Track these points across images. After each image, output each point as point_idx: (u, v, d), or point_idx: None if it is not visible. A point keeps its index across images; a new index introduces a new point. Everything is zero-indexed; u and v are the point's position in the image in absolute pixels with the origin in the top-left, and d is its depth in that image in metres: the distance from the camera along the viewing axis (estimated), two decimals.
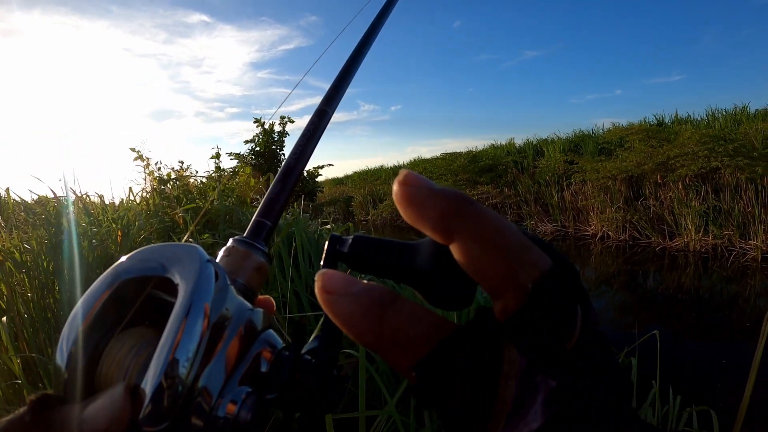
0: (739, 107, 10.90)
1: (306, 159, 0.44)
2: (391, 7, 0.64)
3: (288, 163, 0.43)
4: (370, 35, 0.59)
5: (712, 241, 7.90)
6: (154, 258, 0.30)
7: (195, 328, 0.27)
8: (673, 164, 8.83)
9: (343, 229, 3.72)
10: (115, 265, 0.30)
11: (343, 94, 0.51)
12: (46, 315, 2.38)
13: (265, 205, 0.40)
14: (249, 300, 0.33)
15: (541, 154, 13.55)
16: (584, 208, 10.39)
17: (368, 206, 16.76)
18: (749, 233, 7.59)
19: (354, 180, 22.73)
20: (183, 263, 0.30)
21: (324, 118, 0.47)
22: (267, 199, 0.41)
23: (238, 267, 0.35)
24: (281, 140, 14.41)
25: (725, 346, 4.27)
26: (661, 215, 8.88)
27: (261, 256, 0.36)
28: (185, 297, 0.28)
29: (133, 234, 3.03)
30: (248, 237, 0.38)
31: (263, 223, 0.39)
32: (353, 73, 0.54)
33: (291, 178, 0.42)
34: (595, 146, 12.29)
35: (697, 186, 8.67)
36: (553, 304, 0.24)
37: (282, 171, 0.43)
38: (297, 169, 0.43)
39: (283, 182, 0.42)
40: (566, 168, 11.55)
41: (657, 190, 9.32)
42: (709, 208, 8.21)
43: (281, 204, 0.41)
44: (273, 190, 0.41)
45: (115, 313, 0.30)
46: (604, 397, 0.22)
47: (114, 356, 0.28)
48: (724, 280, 6.61)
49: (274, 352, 0.31)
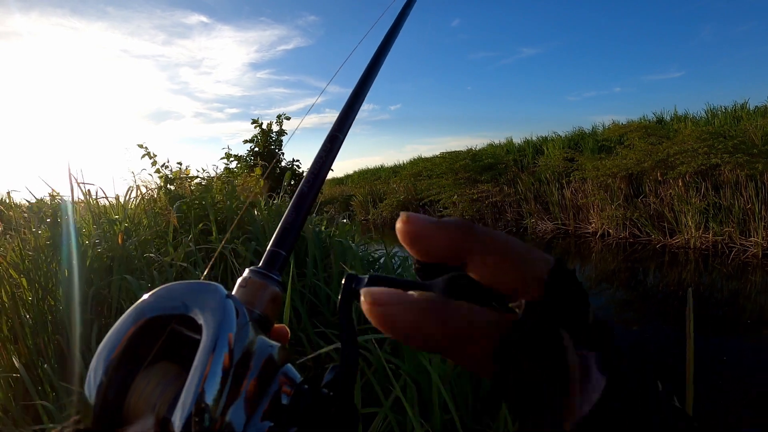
0: (738, 104, 10.89)
1: (319, 185, 0.44)
2: (398, 32, 0.65)
3: (301, 191, 0.43)
4: (376, 61, 0.59)
5: (712, 238, 7.90)
6: (175, 296, 0.31)
7: (221, 365, 0.28)
8: (672, 161, 8.83)
9: (346, 229, 3.72)
10: (138, 302, 0.32)
11: (354, 118, 0.51)
12: (45, 317, 2.38)
13: (279, 235, 0.41)
14: (266, 330, 0.35)
15: (541, 153, 13.55)
16: (584, 205, 10.39)
17: (368, 205, 16.76)
18: (749, 230, 7.58)
19: (354, 179, 22.72)
20: (205, 301, 0.31)
21: (336, 143, 0.47)
22: (281, 228, 0.41)
23: (255, 298, 0.36)
24: (279, 140, 14.42)
25: (725, 343, 4.27)
26: (661, 212, 8.88)
27: (276, 287, 0.37)
28: (210, 335, 0.29)
29: (137, 235, 3.03)
30: (263, 267, 0.38)
31: (278, 253, 0.40)
32: (363, 98, 0.54)
33: (305, 205, 0.42)
34: (594, 144, 12.28)
35: (697, 183, 8.67)
36: (568, 288, 0.27)
37: (295, 199, 0.42)
38: (310, 197, 0.43)
39: (297, 211, 0.42)
40: (566, 166, 11.54)
41: (657, 188, 9.33)
42: (710, 205, 8.21)
43: (295, 233, 0.41)
44: (287, 218, 0.41)
45: (139, 349, 0.31)
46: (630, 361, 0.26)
47: (141, 391, 0.29)
48: (724, 277, 6.61)
49: (294, 386, 0.32)
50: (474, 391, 2.04)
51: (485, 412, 2.04)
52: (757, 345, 4.23)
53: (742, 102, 10.89)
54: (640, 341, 4.31)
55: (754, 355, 3.98)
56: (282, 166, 14.41)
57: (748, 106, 10.68)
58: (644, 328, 4.76)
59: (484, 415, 2.03)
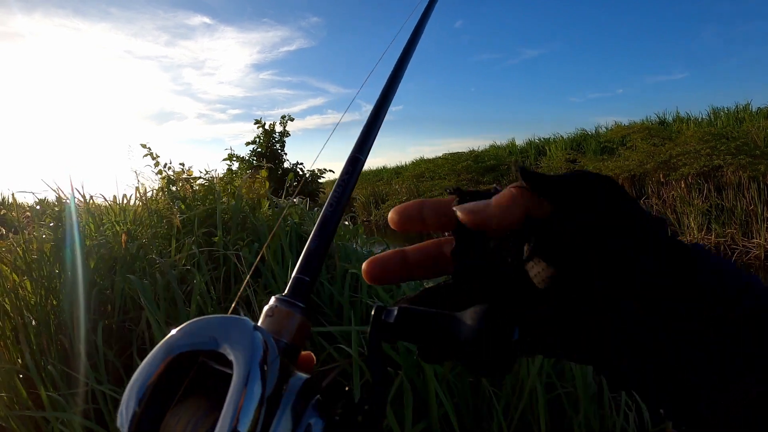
0: (740, 105, 10.87)
1: (342, 209, 0.43)
2: (415, 45, 0.64)
3: (325, 215, 0.43)
4: (394, 80, 0.58)
5: (714, 240, 7.89)
6: (203, 332, 0.32)
7: (253, 401, 0.28)
8: (675, 163, 8.82)
9: (350, 231, 3.73)
10: (167, 338, 0.32)
11: (374, 139, 0.51)
12: (48, 318, 2.39)
13: (303, 261, 0.40)
14: (293, 358, 0.36)
15: (544, 154, 13.56)
16: None
17: (371, 207, 16.76)
18: (752, 231, 7.57)
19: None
20: (234, 336, 0.31)
21: (357, 166, 0.47)
22: (305, 254, 0.41)
23: (282, 327, 0.36)
24: (282, 140, 14.44)
25: None
26: (663, 214, 8.87)
27: (302, 314, 0.37)
28: (241, 371, 0.29)
29: (139, 236, 3.04)
30: (289, 295, 0.38)
31: (302, 279, 0.39)
32: (383, 118, 0.54)
33: (328, 230, 0.42)
34: (597, 145, 12.28)
35: (700, 184, 8.65)
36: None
37: (319, 224, 0.42)
38: (334, 221, 0.43)
39: (320, 236, 0.41)
40: (568, 167, 11.53)
41: (659, 189, 9.31)
42: (712, 206, 8.19)
43: (320, 258, 0.41)
44: (311, 244, 0.41)
45: (169, 384, 0.31)
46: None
47: (173, 428, 0.30)
48: None
49: (325, 417, 0.32)
50: (473, 391, 2.04)
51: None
52: None
53: (744, 103, 10.88)
54: None
55: None
56: (285, 168, 14.43)
57: (751, 107, 10.66)
58: None
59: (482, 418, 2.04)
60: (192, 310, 2.22)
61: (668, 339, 0.29)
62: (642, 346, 0.30)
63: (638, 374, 0.29)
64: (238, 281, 2.76)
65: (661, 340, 0.29)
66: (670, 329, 0.29)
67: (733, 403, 0.27)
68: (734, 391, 0.27)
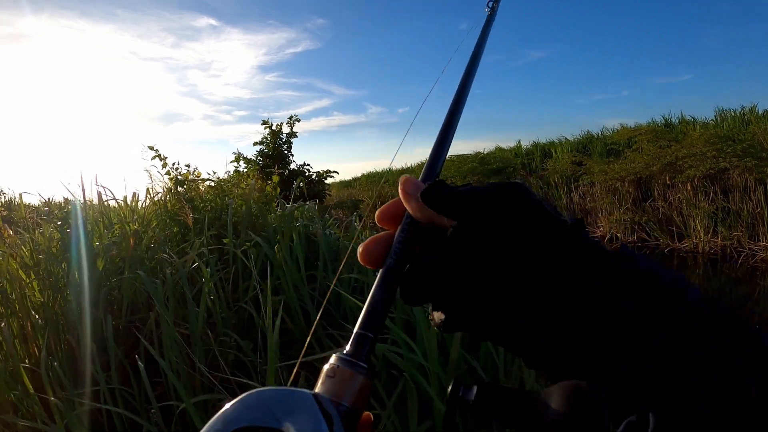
0: (747, 107, 10.82)
1: (405, 256, 0.40)
2: (476, 67, 0.62)
3: (388, 266, 0.40)
4: (459, 100, 0.57)
5: (721, 243, 7.86)
6: (262, 406, 0.32)
7: None
8: (681, 165, 8.80)
9: (355, 235, 3.74)
10: (222, 412, 0.32)
11: (439, 169, 0.49)
12: (56, 317, 2.41)
13: (366, 315, 0.39)
14: (354, 423, 0.35)
15: (549, 156, 13.53)
16: (592, 209, 10.36)
17: (377, 208, 16.70)
18: (758, 234, 7.54)
19: (361, 182, 22.73)
20: (296, 413, 0.31)
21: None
22: (368, 307, 0.39)
23: (343, 390, 0.35)
24: (289, 141, 14.44)
25: None
26: (669, 216, 8.85)
27: (364, 375, 0.36)
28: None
29: (147, 239, 3.06)
30: (351, 353, 0.37)
31: (365, 336, 0.38)
32: (449, 144, 0.52)
33: (391, 282, 0.40)
34: (603, 147, 12.25)
35: (706, 187, 8.63)
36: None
37: (381, 275, 0.40)
38: (398, 270, 0.40)
39: (383, 287, 0.39)
40: (574, 170, 11.53)
41: (665, 191, 9.29)
42: (718, 209, 8.17)
43: (383, 312, 0.39)
44: (374, 296, 0.39)
45: None
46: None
47: None
48: (733, 281, 6.58)
49: None
50: None
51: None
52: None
53: (750, 105, 10.83)
54: None
55: None
56: (292, 169, 14.43)
57: (757, 109, 10.61)
58: None
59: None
60: (201, 310, 2.23)
61: (668, 339, 0.30)
62: (642, 346, 0.30)
63: (638, 374, 0.30)
64: (246, 281, 2.78)
65: (662, 339, 0.30)
66: (670, 329, 0.31)
67: (733, 403, 0.28)
68: (734, 391, 0.28)
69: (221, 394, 1.95)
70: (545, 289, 0.33)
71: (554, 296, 0.33)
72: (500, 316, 0.34)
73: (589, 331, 0.32)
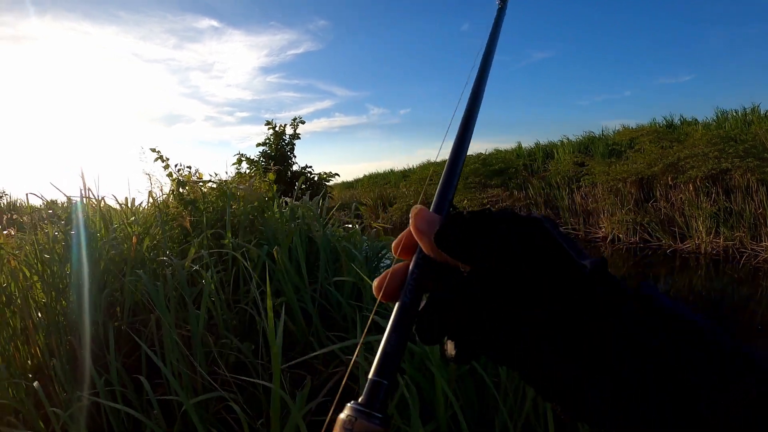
0: (749, 108, 10.81)
1: (419, 297, 0.40)
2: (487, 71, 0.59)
3: (402, 304, 0.40)
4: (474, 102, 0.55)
5: (723, 243, 7.85)
6: None
7: None
8: (683, 165, 8.79)
9: (352, 233, 3.74)
10: None
11: (452, 196, 0.48)
12: (58, 318, 2.41)
13: (379, 362, 0.38)
14: None
15: (551, 157, 13.52)
16: (594, 210, 10.36)
17: (378, 210, 16.78)
18: (761, 235, 7.53)
19: (364, 183, 22.74)
20: None
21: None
22: (381, 353, 0.38)
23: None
24: (292, 143, 14.46)
25: None
26: (671, 217, 8.84)
27: (381, 426, 0.35)
28: None
29: (148, 240, 3.06)
30: (365, 403, 0.36)
31: (379, 384, 0.37)
32: (459, 170, 0.51)
33: (406, 320, 0.39)
34: (605, 148, 12.25)
35: (708, 188, 8.62)
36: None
37: (396, 315, 0.39)
38: (412, 308, 0.39)
39: (397, 329, 0.39)
40: (576, 170, 11.53)
41: (668, 192, 9.28)
42: (720, 209, 8.16)
43: (398, 357, 0.38)
44: (388, 341, 0.38)
45: None
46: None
47: None
48: (735, 282, 6.57)
49: None
50: (477, 391, 2.05)
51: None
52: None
53: (752, 106, 10.82)
54: None
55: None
56: (294, 171, 14.45)
57: (759, 109, 10.60)
58: None
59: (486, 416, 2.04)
60: (202, 311, 2.24)
61: (668, 339, 0.30)
62: (642, 346, 0.31)
63: (638, 374, 0.30)
64: (247, 283, 2.78)
65: (662, 340, 0.31)
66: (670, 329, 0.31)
67: (733, 403, 0.28)
68: (734, 391, 0.28)
69: (221, 393, 1.95)
70: (549, 297, 0.33)
71: (558, 305, 0.33)
72: (504, 323, 0.34)
73: (592, 338, 0.32)
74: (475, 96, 0.56)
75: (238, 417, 1.86)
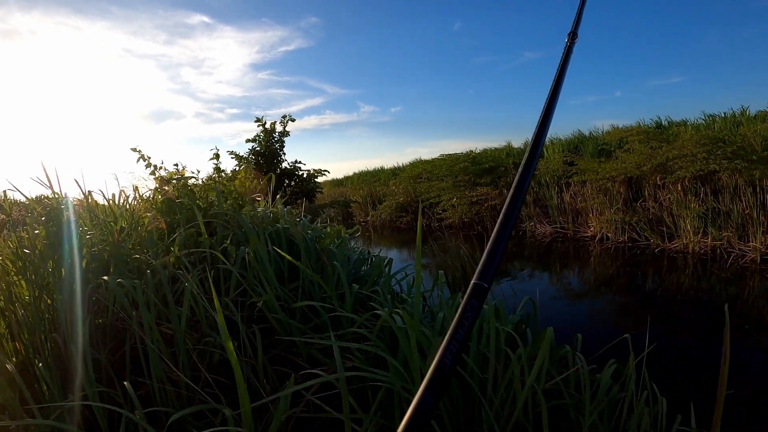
0: (737, 110, 10.90)
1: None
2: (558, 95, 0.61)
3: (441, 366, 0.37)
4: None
5: (711, 243, 7.90)
6: None
7: None
8: (671, 166, 8.84)
9: (331, 233, 3.72)
10: None
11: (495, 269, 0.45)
12: (42, 316, 2.38)
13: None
14: None
15: (541, 156, 13.57)
16: (583, 209, 10.40)
17: (368, 207, 16.78)
18: (748, 235, 7.59)
19: (353, 181, 22.77)
20: None
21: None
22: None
23: None
24: (282, 140, 14.45)
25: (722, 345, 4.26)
26: (660, 217, 8.89)
27: None
28: None
29: (131, 238, 3.03)
30: None
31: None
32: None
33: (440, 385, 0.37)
34: (594, 147, 12.32)
35: (696, 188, 8.68)
36: None
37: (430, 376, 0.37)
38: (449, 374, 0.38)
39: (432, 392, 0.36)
40: (565, 169, 11.58)
41: (656, 192, 9.33)
42: (708, 209, 8.22)
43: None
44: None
45: None
46: None
47: None
48: (723, 281, 6.61)
49: None
50: (464, 399, 2.03)
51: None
52: (756, 348, 4.23)
53: (741, 108, 10.91)
54: (638, 346, 4.30)
55: (752, 359, 3.99)
56: (283, 168, 14.42)
57: (749, 111, 10.69)
58: (643, 332, 4.75)
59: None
60: (184, 309, 2.21)
61: None
62: None
63: None
64: (227, 281, 2.75)
65: None
66: None
67: None
68: None
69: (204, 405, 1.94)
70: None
71: None
72: None
73: None
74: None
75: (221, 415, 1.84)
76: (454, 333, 0.38)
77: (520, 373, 1.86)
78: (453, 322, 0.39)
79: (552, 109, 0.59)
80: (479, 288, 0.41)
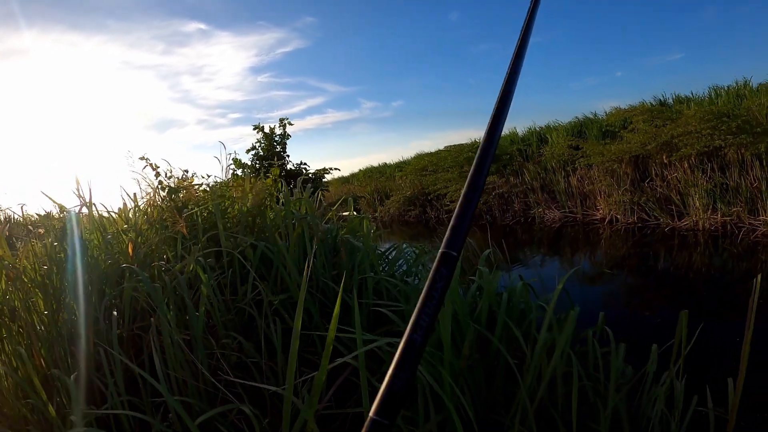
0: (740, 82, 10.78)
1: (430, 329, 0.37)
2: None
3: (410, 340, 0.37)
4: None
5: (720, 219, 7.86)
6: None
7: None
8: (677, 143, 8.79)
9: (355, 223, 3.73)
10: None
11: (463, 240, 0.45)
12: (60, 330, 2.41)
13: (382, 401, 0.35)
14: None
15: (545, 141, 13.53)
16: (591, 192, 10.37)
17: (375, 203, 16.80)
18: (758, 209, 7.54)
19: (359, 178, 22.74)
20: None
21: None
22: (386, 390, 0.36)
23: None
24: (283, 142, 14.46)
25: (739, 324, 4.25)
26: (668, 196, 8.85)
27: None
28: None
29: (145, 246, 3.05)
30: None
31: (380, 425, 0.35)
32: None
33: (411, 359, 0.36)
34: (598, 130, 12.25)
35: (703, 164, 8.62)
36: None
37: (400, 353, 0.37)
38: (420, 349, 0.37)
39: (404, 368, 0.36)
40: (571, 154, 11.52)
41: (663, 171, 9.29)
42: (716, 185, 8.16)
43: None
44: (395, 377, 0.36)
45: None
46: None
47: None
48: (735, 257, 6.58)
49: None
50: (487, 383, 2.05)
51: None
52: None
53: (744, 80, 10.79)
54: (651, 326, 4.30)
55: (766, 335, 3.97)
56: (289, 169, 14.45)
57: (751, 83, 10.58)
58: (656, 313, 4.74)
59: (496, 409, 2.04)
60: (201, 313, 2.24)
61: None
62: None
63: None
64: (245, 283, 2.77)
65: None
66: None
67: None
68: None
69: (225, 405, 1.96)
70: None
71: None
72: None
73: None
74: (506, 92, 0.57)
75: (244, 417, 1.87)
76: (423, 306, 0.37)
77: (546, 354, 1.88)
78: (422, 293, 0.38)
79: (522, 56, 0.59)
80: (448, 256, 0.40)
